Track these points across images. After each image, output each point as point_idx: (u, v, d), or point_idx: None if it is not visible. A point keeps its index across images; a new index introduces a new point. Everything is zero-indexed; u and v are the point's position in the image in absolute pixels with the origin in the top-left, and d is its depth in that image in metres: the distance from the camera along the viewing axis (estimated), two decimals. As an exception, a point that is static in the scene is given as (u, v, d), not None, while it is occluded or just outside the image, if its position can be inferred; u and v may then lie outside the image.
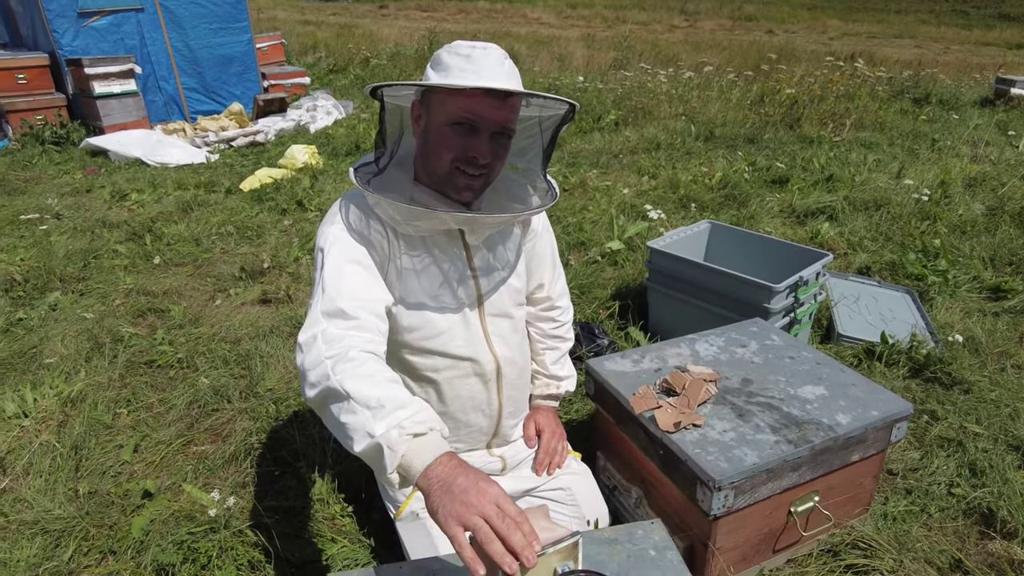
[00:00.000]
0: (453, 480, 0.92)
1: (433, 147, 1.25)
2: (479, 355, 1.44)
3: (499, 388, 1.51)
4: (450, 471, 0.94)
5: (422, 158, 1.30)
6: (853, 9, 24.09)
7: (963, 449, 2.10)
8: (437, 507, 0.91)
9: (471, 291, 1.40)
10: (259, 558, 1.66)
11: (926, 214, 3.99)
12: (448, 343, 1.41)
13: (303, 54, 11.53)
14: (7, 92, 6.21)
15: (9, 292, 3.23)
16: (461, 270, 1.38)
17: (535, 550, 0.87)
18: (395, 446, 0.96)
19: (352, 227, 1.28)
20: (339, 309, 1.15)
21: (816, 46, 13.79)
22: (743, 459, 1.44)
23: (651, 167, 5.20)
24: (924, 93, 8.02)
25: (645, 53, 11.38)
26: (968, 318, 2.90)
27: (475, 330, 1.44)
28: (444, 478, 0.93)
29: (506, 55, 1.23)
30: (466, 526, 0.88)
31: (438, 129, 1.23)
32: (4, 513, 1.88)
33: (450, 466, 0.95)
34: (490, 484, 0.92)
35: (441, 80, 1.19)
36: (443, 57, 1.21)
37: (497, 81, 1.18)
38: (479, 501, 0.89)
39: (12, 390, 2.43)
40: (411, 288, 1.35)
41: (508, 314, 1.49)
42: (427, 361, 1.43)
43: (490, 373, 1.47)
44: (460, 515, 0.88)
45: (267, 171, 5.08)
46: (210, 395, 2.38)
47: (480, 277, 1.41)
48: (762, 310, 2.31)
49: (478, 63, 1.18)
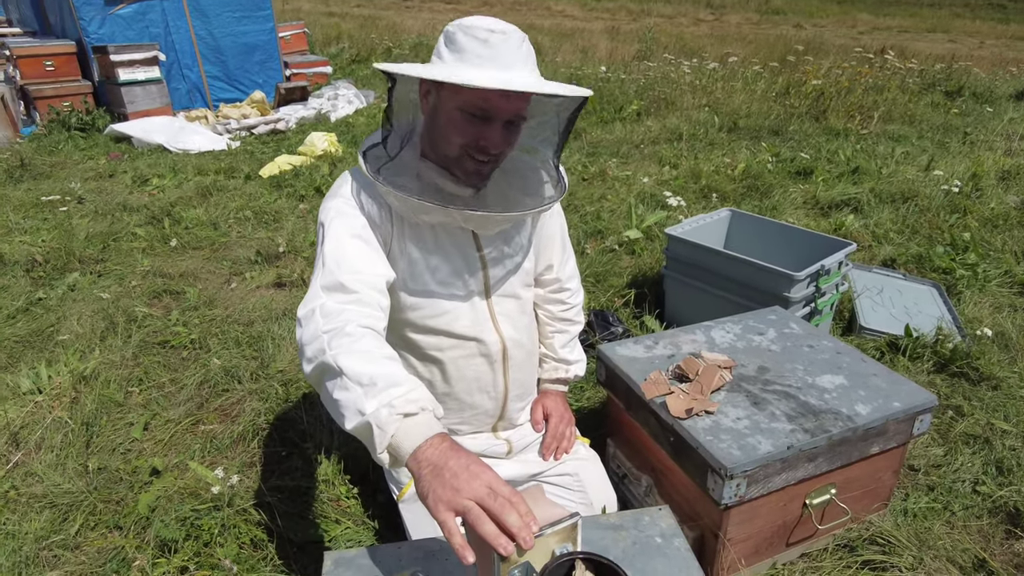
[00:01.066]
0: (444, 463, 0.87)
1: (443, 130, 1.20)
2: (485, 335, 1.41)
3: (505, 370, 1.47)
4: (441, 454, 0.89)
5: (429, 136, 1.26)
6: (884, 3, 23.53)
7: (990, 446, 2.02)
8: (427, 491, 0.86)
9: (479, 277, 1.37)
10: (261, 536, 1.64)
11: (956, 207, 3.87)
12: (453, 322, 1.38)
13: (326, 44, 11.57)
14: (35, 78, 6.30)
15: (30, 272, 3.27)
16: (470, 258, 1.34)
17: (532, 531, 0.82)
18: (385, 425, 0.91)
19: (355, 201, 1.25)
20: (338, 283, 1.12)
21: (845, 40, 13.50)
22: (757, 447, 1.39)
23: (672, 157, 5.12)
24: (956, 86, 7.80)
25: (669, 46, 11.23)
26: (998, 313, 2.80)
27: (481, 310, 1.40)
28: (435, 461, 0.88)
29: (524, 37, 1.16)
30: (457, 511, 0.83)
31: (449, 112, 1.18)
32: (15, 486, 1.90)
33: (441, 448, 0.89)
34: (483, 468, 0.87)
35: (456, 65, 1.13)
36: (459, 38, 1.14)
37: (514, 72, 1.12)
38: (470, 485, 0.84)
39: (28, 367, 2.46)
40: (417, 272, 1.31)
41: (516, 295, 1.45)
42: (431, 340, 1.39)
43: (496, 354, 1.44)
44: (450, 500, 0.83)
45: (287, 158, 5.09)
46: (221, 376, 2.38)
47: (490, 264, 1.37)
48: (782, 299, 2.25)
49: (496, 49, 1.11)
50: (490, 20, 1.14)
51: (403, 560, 1.14)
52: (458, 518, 0.84)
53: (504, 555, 0.81)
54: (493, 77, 1.08)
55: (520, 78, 1.12)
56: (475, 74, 1.09)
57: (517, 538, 0.80)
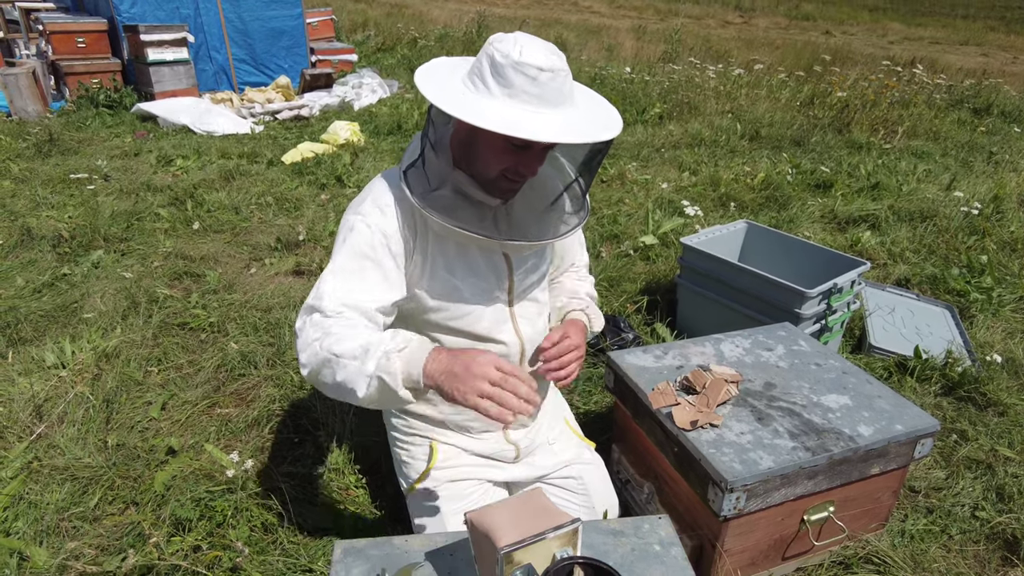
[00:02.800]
0: (451, 367, 1.08)
1: (482, 154, 1.25)
2: (505, 336, 1.46)
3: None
4: (444, 362, 1.10)
5: (465, 155, 1.30)
6: (917, 13, 23.19)
7: (992, 472, 2.03)
8: (452, 391, 1.07)
9: (504, 283, 1.43)
10: (272, 521, 1.70)
11: (975, 229, 3.85)
12: (475, 323, 1.43)
13: (353, 31, 11.63)
14: (67, 55, 6.40)
15: (56, 248, 3.35)
16: (498, 267, 1.40)
17: (537, 401, 1.07)
18: (391, 369, 1.09)
19: (377, 213, 1.29)
20: (328, 309, 1.23)
21: (874, 49, 13.36)
22: (758, 463, 1.42)
23: (693, 163, 5.12)
24: (985, 103, 7.71)
25: (696, 48, 11.18)
26: (1010, 339, 2.80)
27: (503, 313, 1.46)
28: (443, 369, 1.09)
29: (568, 72, 1.19)
30: (481, 393, 1.05)
31: (490, 141, 1.21)
32: (39, 458, 1.96)
33: (440, 358, 1.10)
34: (481, 353, 1.10)
35: (506, 102, 1.15)
36: (509, 73, 1.14)
37: (560, 109, 1.16)
38: (482, 371, 1.06)
39: (53, 341, 2.53)
40: (442, 274, 1.36)
41: (536, 299, 1.52)
42: (452, 339, 1.44)
43: (515, 355, 1.48)
44: (473, 387, 1.05)
45: (309, 145, 5.15)
46: (238, 360, 2.43)
47: (515, 271, 1.43)
48: (793, 315, 2.27)
49: (545, 87, 1.14)
50: (540, 55, 1.15)
51: (410, 553, 1.18)
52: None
53: (527, 416, 1.13)
54: (549, 123, 1.13)
55: (571, 127, 1.15)
56: (531, 122, 1.13)
57: (531, 402, 1.06)
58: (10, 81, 5.74)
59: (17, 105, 5.81)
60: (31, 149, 4.96)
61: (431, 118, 1.28)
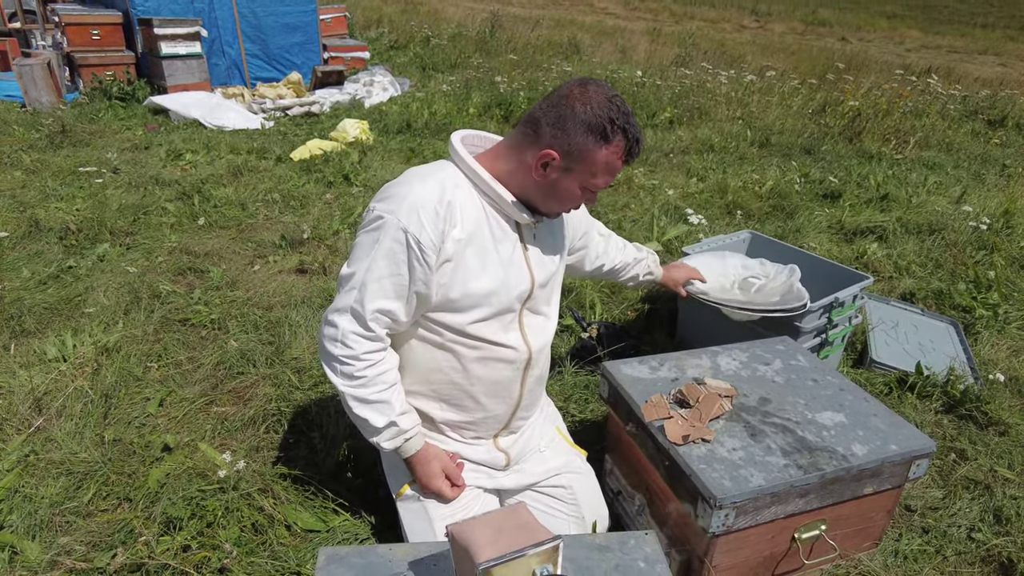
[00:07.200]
0: (426, 461, 1.50)
1: (557, 198, 1.40)
2: (514, 342, 1.48)
3: (524, 379, 1.54)
4: (422, 456, 1.49)
5: (533, 192, 1.40)
6: (936, 21, 22.96)
7: (990, 493, 2.01)
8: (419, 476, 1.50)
9: (524, 292, 1.47)
10: (263, 522, 1.70)
11: (984, 243, 3.81)
12: (483, 328, 1.44)
13: (366, 28, 11.65)
14: (82, 46, 6.46)
15: (63, 240, 3.38)
16: (521, 274, 1.46)
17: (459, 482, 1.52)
18: (395, 444, 1.46)
19: (416, 224, 1.31)
20: (369, 323, 1.36)
21: (890, 57, 13.25)
22: (748, 480, 1.41)
23: (701, 169, 5.10)
24: (1000, 115, 7.62)
25: (710, 52, 11.12)
26: (1015, 357, 2.76)
27: (512, 320, 1.48)
28: (419, 460, 1.49)
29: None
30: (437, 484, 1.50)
31: (571, 189, 1.38)
32: (35, 451, 1.98)
33: (420, 454, 1.49)
34: (438, 459, 1.52)
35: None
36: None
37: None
38: (434, 470, 1.50)
39: (55, 334, 2.55)
40: (465, 279, 1.38)
41: (545, 313, 1.57)
42: (463, 341, 1.46)
43: (521, 362, 1.50)
44: (430, 477, 1.50)
45: (318, 142, 5.17)
46: (237, 358, 2.44)
47: (536, 278, 1.49)
48: (793, 328, 2.25)
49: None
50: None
51: (394, 562, 1.18)
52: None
53: (450, 497, 1.50)
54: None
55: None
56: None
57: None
58: (25, 72, 5.79)
59: (32, 96, 5.87)
60: (43, 140, 5.00)
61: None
